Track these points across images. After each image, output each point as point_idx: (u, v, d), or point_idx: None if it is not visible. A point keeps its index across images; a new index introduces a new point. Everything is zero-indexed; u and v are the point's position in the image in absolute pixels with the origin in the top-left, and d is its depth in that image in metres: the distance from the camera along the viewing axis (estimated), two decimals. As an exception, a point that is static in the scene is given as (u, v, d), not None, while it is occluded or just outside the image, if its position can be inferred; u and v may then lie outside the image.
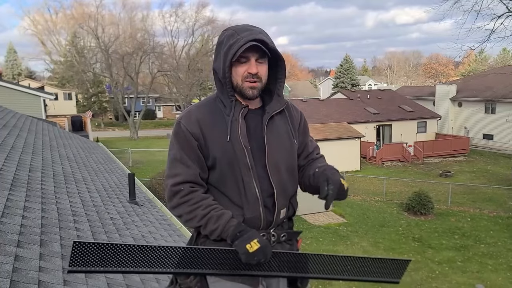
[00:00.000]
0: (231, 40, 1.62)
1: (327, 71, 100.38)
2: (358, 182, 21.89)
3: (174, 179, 1.65)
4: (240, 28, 1.66)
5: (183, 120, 1.69)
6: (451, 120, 35.51)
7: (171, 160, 1.69)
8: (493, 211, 17.33)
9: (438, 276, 11.56)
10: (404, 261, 1.84)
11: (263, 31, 1.67)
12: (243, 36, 1.60)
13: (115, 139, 38.24)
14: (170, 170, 1.68)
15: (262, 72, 1.66)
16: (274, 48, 1.64)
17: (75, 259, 1.43)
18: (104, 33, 46.86)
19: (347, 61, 61.71)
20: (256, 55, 1.62)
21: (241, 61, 1.63)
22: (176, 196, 1.64)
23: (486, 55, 68.87)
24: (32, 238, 2.81)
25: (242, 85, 1.65)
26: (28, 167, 4.96)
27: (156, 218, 5.77)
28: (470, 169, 25.68)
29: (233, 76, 1.65)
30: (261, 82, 1.66)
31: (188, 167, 1.65)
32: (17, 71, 60.32)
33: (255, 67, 1.63)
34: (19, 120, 9.17)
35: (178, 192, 1.64)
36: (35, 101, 17.89)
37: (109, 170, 8.30)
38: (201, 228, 1.63)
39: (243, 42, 1.58)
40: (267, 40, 1.62)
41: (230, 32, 1.65)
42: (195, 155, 1.66)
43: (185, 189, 1.63)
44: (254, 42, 1.58)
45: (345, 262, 1.76)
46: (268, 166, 1.69)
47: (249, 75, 1.63)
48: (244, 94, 1.66)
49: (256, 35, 1.61)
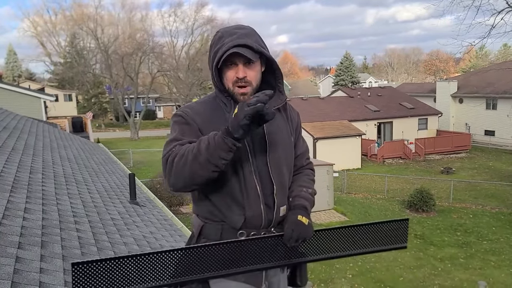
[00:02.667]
0: (218, 44, 1.62)
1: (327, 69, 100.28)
2: (360, 180, 21.86)
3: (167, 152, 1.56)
4: (227, 31, 1.64)
5: (184, 109, 1.69)
6: (452, 117, 35.47)
7: (168, 141, 1.61)
8: (495, 207, 17.30)
9: (440, 273, 11.54)
10: (402, 221, 1.81)
11: (251, 32, 1.65)
12: (227, 41, 1.59)
13: (116, 139, 38.26)
14: (165, 149, 1.58)
15: (251, 75, 1.64)
16: (260, 50, 1.63)
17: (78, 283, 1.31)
18: (103, 33, 46.94)
19: (347, 59, 61.71)
20: (242, 59, 1.61)
21: (229, 66, 1.62)
22: (169, 159, 1.52)
23: (486, 50, 68.85)
24: (33, 240, 2.80)
25: (233, 90, 1.65)
26: (29, 169, 4.96)
27: (157, 218, 5.76)
28: (472, 165, 25.64)
29: (224, 80, 1.66)
30: (252, 86, 1.65)
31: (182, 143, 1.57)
32: (17, 73, 60.43)
33: (242, 72, 1.61)
34: (19, 122, 9.17)
35: (169, 155, 1.53)
36: (36, 103, 17.91)
37: (110, 171, 8.30)
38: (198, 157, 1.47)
39: (226, 49, 1.57)
40: (251, 43, 1.60)
41: (219, 35, 1.65)
42: (194, 134, 1.61)
43: (176, 149, 1.54)
44: (237, 47, 1.57)
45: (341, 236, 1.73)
46: (270, 162, 1.68)
47: (237, 79, 1.62)
48: (236, 100, 1.66)
49: (240, 39, 1.59)
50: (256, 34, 1.68)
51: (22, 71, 62.36)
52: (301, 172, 1.90)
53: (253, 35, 1.65)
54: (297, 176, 1.87)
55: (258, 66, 1.67)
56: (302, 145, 1.92)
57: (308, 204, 1.75)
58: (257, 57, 1.63)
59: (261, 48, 1.63)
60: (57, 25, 52.73)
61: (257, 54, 1.63)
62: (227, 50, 1.57)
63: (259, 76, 1.69)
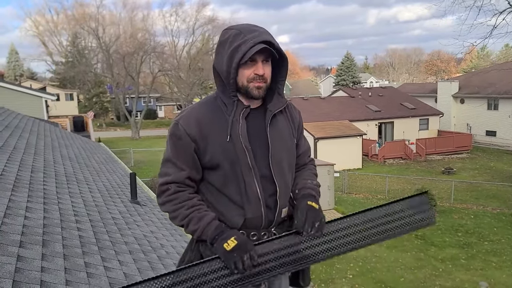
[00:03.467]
0: (238, 40, 1.58)
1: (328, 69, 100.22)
2: (360, 180, 21.85)
3: (164, 178, 1.69)
4: (245, 28, 1.63)
5: (182, 121, 1.67)
6: (454, 117, 35.42)
7: (164, 160, 1.72)
8: (497, 208, 17.28)
9: (441, 273, 11.53)
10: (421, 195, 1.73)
11: (268, 31, 1.66)
12: (250, 38, 1.57)
13: (117, 139, 38.27)
14: (162, 169, 1.72)
15: (267, 73, 1.64)
16: (279, 49, 1.63)
17: None
18: (104, 33, 46.95)
19: (348, 59, 61.70)
20: (262, 56, 1.60)
21: (248, 63, 1.61)
22: (163, 195, 1.68)
23: (488, 51, 68.78)
24: (34, 239, 2.80)
25: (247, 86, 1.63)
26: (30, 168, 4.97)
27: (158, 217, 5.77)
28: (473, 166, 25.61)
29: (239, 77, 1.63)
30: (267, 83, 1.66)
31: (178, 168, 1.66)
32: (19, 72, 60.47)
33: (262, 69, 1.61)
34: (21, 121, 9.18)
35: (165, 191, 1.67)
36: (37, 102, 17.92)
37: (111, 170, 8.31)
38: (184, 227, 1.66)
39: (252, 44, 1.56)
40: (273, 41, 1.60)
41: (234, 32, 1.62)
42: (188, 157, 1.66)
43: (172, 188, 1.66)
44: (263, 44, 1.56)
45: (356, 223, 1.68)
46: (272, 165, 1.68)
47: (256, 76, 1.61)
48: (250, 94, 1.64)
49: (263, 36, 1.59)
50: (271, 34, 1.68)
51: (24, 70, 62.43)
52: (304, 168, 1.91)
53: (271, 34, 1.66)
54: (300, 172, 1.88)
55: (270, 65, 1.67)
56: (304, 144, 1.92)
57: (315, 194, 1.77)
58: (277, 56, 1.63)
59: (280, 48, 1.64)
60: (59, 24, 52.82)
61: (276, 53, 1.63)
62: (253, 45, 1.56)
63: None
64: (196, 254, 1.71)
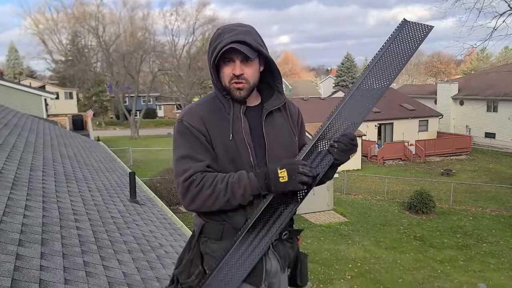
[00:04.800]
0: (217, 41, 1.61)
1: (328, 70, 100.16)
2: (359, 181, 21.86)
3: (185, 174, 1.60)
4: (227, 28, 1.64)
5: (186, 117, 1.67)
6: (453, 119, 35.45)
7: (179, 158, 1.64)
8: (496, 209, 17.30)
9: (440, 275, 11.54)
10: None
11: (251, 30, 1.65)
12: (226, 37, 1.58)
13: (116, 138, 38.25)
14: (179, 167, 1.63)
15: (248, 73, 1.63)
16: (258, 49, 1.61)
17: None
18: (105, 32, 46.89)
19: (348, 60, 61.72)
20: (240, 56, 1.60)
21: (226, 63, 1.62)
22: (191, 187, 1.58)
23: (488, 53, 68.72)
24: (33, 237, 2.80)
25: (229, 87, 1.64)
26: (29, 166, 4.96)
27: (157, 217, 5.76)
28: (472, 167, 25.64)
29: (221, 77, 1.65)
30: (249, 83, 1.64)
31: (197, 160, 1.62)
32: (18, 70, 60.38)
33: (239, 68, 1.61)
34: (20, 119, 9.17)
35: (191, 183, 1.58)
36: (36, 100, 17.90)
37: (110, 169, 8.30)
38: (230, 200, 1.57)
39: (223, 44, 1.56)
40: (249, 40, 1.59)
41: (218, 32, 1.64)
42: (204, 149, 1.63)
43: (197, 177, 1.59)
44: (235, 43, 1.56)
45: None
46: (269, 163, 1.67)
47: (233, 76, 1.61)
48: (232, 95, 1.65)
49: (238, 36, 1.58)
50: (256, 33, 1.67)
51: (23, 68, 62.35)
52: None
53: (253, 34, 1.64)
54: None
55: (256, 65, 1.66)
56: (306, 139, 1.92)
57: None
58: (255, 55, 1.62)
59: (260, 47, 1.62)
60: (59, 23, 52.75)
61: (255, 52, 1.61)
62: (225, 45, 1.56)
63: (257, 75, 1.68)
64: (196, 252, 1.71)
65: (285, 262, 1.77)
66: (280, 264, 1.74)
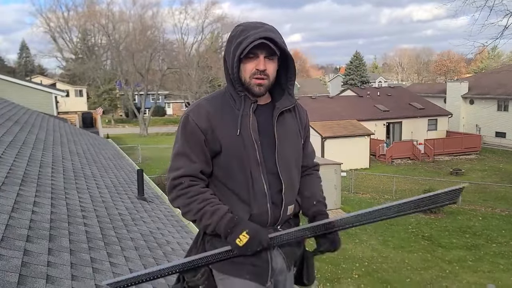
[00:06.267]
0: (242, 36, 1.61)
1: (337, 68, 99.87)
2: (367, 180, 21.76)
3: (176, 172, 1.66)
4: (251, 25, 1.65)
5: (192, 113, 1.68)
6: (463, 118, 35.13)
7: (175, 153, 1.70)
8: (505, 210, 17.12)
9: (448, 275, 11.46)
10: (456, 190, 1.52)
11: (274, 29, 1.67)
12: (252, 33, 1.59)
13: (125, 135, 38.46)
14: (173, 163, 1.69)
15: (270, 70, 1.64)
16: (283, 47, 1.63)
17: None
18: (114, 30, 47.11)
19: (357, 58, 61.36)
20: (264, 52, 1.61)
21: (250, 58, 1.62)
22: (175, 189, 1.66)
23: (499, 51, 68.03)
24: (41, 233, 2.83)
25: (249, 82, 1.64)
26: (39, 163, 5.01)
27: (164, 214, 5.79)
28: (482, 167, 25.39)
29: (241, 72, 1.65)
30: (269, 80, 1.66)
31: (191, 161, 1.65)
32: (29, 68, 60.89)
33: (263, 64, 1.62)
34: (30, 116, 9.26)
35: (178, 185, 1.65)
36: (47, 98, 18.05)
37: (119, 166, 8.35)
38: (197, 222, 1.65)
39: (252, 39, 1.57)
40: (276, 38, 1.61)
41: (241, 28, 1.65)
42: (200, 149, 1.66)
43: (185, 182, 1.64)
44: (263, 39, 1.57)
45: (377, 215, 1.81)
46: (278, 161, 1.68)
47: (257, 71, 1.62)
48: (251, 90, 1.65)
49: (265, 32, 1.60)
50: (278, 31, 1.69)
51: (35, 66, 62.85)
52: (313, 174, 1.93)
53: (276, 32, 1.67)
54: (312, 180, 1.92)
55: (276, 63, 1.68)
56: (310, 145, 1.93)
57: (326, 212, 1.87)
58: (279, 52, 1.64)
59: (284, 45, 1.64)
60: (69, 21, 53.11)
61: (278, 50, 1.63)
62: (254, 40, 1.57)
63: (275, 73, 1.69)
64: (201, 251, 1.72)
65: (291, 261, 1.77)
66: (286, 262, 1.74)
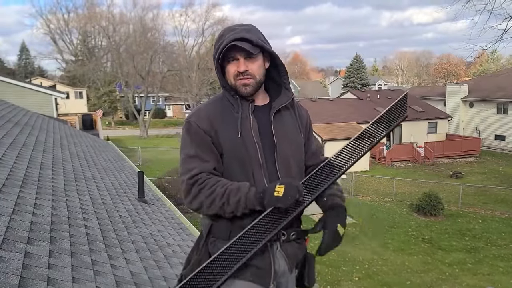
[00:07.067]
0: (220, 41, 1.65)
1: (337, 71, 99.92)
2: (368, 183, 21.76)
3: (190, 173, 1.63)
4: (229, 28, 1.69)
5: (193, 118, 1.70)
6: (462, 121, 35.15)
7: (185, 157, 1.68)
8: (505, 212, 17.13)
9: (448, 278, 11.45)
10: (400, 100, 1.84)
11: (252, 28, 1.69)
12: (227, 37, 1.62)
13: (125, 137, 38.46)
14: (185, 166, 1.66)
15: (253, 69, 1.66)
16: (260, 44, 1.65)
17: None
18: (115, 32, 47.15)
19: (357, 61, 61.42)
20: (243, 53, 1.63)
21: (230, 61, 1.65)
22: (194, 186, 1.62)
23: (498, 55, 68.12)
24: (41, 235, 2.82)
25: (235, 84, 1.67)
26: (39, 165, 5.00)
27: (165, 216, 5.78)
28: (481, 170, 25.40)
29: (227, 76, 1.69)
30: (255, 79, 1.67)
31: (203, 161, 1.65)
32: (29, 70, 60.93)
33: (244, 65, 1.64)
34: (30, 118, 9.25)
35: (195, 182, 1.62)
36: (47, 100, 18.04)
37: (119, 169, 8.35)
38: (225, 205, 1.59)
39: (226, 43, 1.61)
40: (251, 37, 1.62)
41: (220, 34, 1.69)
42: (210, 150, 1.66)
43: (202, 177, 1.62)
44: (236, 42, 1.60)
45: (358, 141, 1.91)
46: (277, 161, 1.68)
47: (238, 73, 1.65)
48: (238, 92, 1.68)
49: (239, 33, 1.62)
50: (257, 30, 1.70)
51: (35, 68, 62.89)
52: None
53: (254, 31, 1.68)
54: None
55: (260, 60, 1.69)
56: (314, 143, 1.93)
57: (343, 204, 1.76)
58: (257, 51, 1.65)
59: (261, 42, 1.65)
60: (70, 23, 53.12)
61: (257, 48, 1.65)
62: (227, 44, 1.60)
63: (263, 70, 1.71)
64: (204, 253, 1.71)
65: (293, 263, 1.77)
66: (288, 264, 1.74)
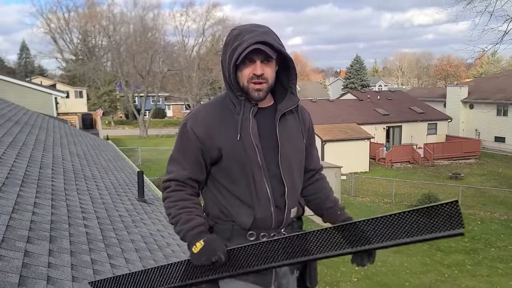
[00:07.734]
0: (237, 41, 1.60)
1: (337, 72, 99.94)
2: (367, 184, 21.76)
3: (168, 176, 1.73)
4: (246, 29, 1.63)
5: (190, 121, 1.69)
6: (462, 122, 35.16)
7: (170, 157, 1.76)
8: (504, 214, 17.13)
9: (447, 279, 11.45)
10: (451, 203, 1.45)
11: (269, 31, 1.64)
12: (247, 38, 1.57)
13: (125, 137, 38.46)
14: (167, 166, 1.77)
15: (268, 73, 1.63)
16: (279, 49, 1.61)
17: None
18: (115, 31, 47.16)
19: (358, 62, 61.43)
20: (261, 56, 1.59)
21: (246, 63, 1.61)
22: (165, 190, 1.73)
23: (499, 56, 68.17)
24: (41, 234, 2.83)
25: (248, 86, 1.63)
26: (39, 164, 5.01)
27: (164, 216, 5.78)
28: (481, 171, 25.41)
29: (239, 77, 1.63)
30: (268, 83, 1.64)
31: (182, 168, 1.69)
32: (29, 69, 60.91)
33: (260, 69, 1.60)
34: (30, 117, 9.26)
35: (168, 187, 1.71)
36: (47, 99, 18.04)
37: (119, 168, 8.35)
38: (174, 225, 1.68)
39: (247, 44, 1.55)
40: (271, 41, 1.58)
41: (236, 33, 1.63)
42: (193, 158, 1.68)
43: (172, 186, 1.70)
44: (259, 44, 1.56)
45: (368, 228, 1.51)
46: (281, 164, 1.67)
47: (254, 76, 1.61)
48: (250, 96, 1.64)
49: (260, 36, 1.58)
50: (274, 32, 1.66)
51: (35, 67, 62.88)
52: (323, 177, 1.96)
53: (272, 34, 1.64)
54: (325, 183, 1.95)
55: (274, 65, 1.66)
56: (315, 148, 1.93)
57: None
58: (275, 55, 1.61)
59: (280, 47, 1.62)
60: (70, 22, 53.14)
61: (275, 53, 1.61)
62: (248, 46, 1.55)
63: (274, 74, 1.68)
64: None
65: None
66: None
